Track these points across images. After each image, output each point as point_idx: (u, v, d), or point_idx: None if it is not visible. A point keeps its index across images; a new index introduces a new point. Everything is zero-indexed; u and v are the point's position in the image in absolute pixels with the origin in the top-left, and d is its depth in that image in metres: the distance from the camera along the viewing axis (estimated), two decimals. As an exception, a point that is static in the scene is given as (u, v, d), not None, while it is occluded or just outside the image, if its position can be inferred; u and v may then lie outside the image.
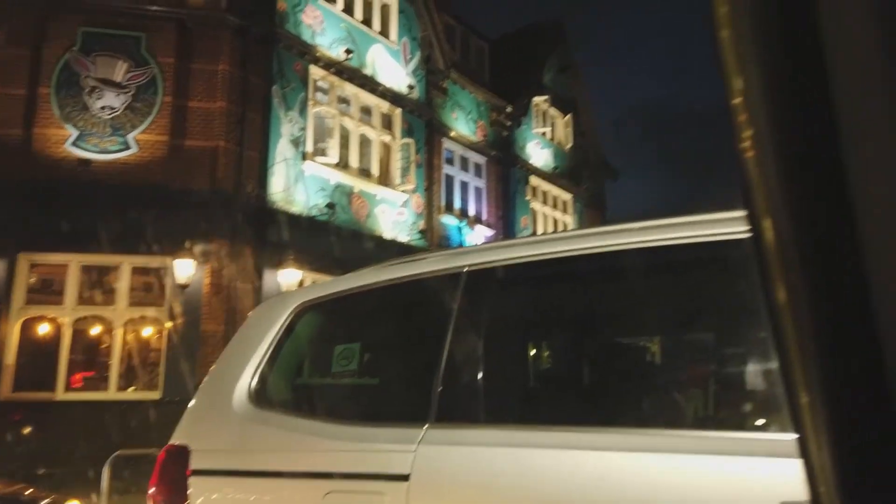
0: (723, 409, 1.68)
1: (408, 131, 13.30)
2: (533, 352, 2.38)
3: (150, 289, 10.01)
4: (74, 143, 9.70)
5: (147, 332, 10.04)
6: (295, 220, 10.73)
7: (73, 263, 9.53)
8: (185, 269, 9.47)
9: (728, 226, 1.51)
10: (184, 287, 9.49)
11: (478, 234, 15.16)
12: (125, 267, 9.68)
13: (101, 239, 8.79)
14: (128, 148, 9.85)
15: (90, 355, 10.05)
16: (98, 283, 9.81)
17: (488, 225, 15.72)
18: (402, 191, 12.90)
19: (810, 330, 0.36)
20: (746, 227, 0.39)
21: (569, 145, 18.79)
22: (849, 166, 0.33)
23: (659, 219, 1.73)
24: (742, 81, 0.37)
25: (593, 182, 19.90)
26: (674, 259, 1.70)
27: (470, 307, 1.97)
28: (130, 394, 9.60)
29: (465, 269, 2.00)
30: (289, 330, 2.33)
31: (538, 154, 17.52)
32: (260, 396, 2.22)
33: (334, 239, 11.04)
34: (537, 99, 17.43)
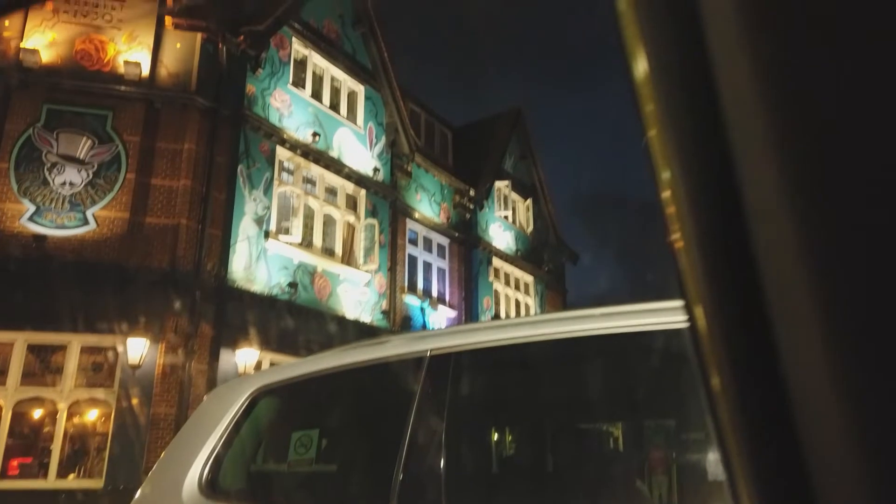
0: (686, 495, 1.67)
1: (372, 212, 13.45)
2: (496, 438, 2.34)
3: (99, 369, 9.62)
4: (31, 219, 9.52)
5: (93, 414, 9.57)
6: (255, 300, 10.58)
7: (20, 342, 9.14)
8: (137, 348, 9.16)
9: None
10: (135, 367, 9.15)
11: (440, 315, 15.12)
12: (74, 346, 9.32)
13: (51, 316, 8.50)
14: (86, 224, 9.70)
15: (30, 440, 9.49)
16: (44, 363, 9.40)
17: (451, 306, 15.72)
18: (366, 270, 12.89)
19: (738, 419, 0.37)
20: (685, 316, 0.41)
21: (530, 228, 19.20)
22: (756, 255, 0.35)
23: (620, 305, 1.77)
24: (669, 176, 0.40)
25: (554, 264, 20.23)
26: (635, 345, 1.73)
27: (433, 392, 1.95)
28: (71, 482, 9.02)
29: (427, 354, 1.98)
30: (245, 415, 2.25)
31: (500, 236, 17.82)
32: (212, 486, 2.12)
33: (295, 319, 10.89)
34: (499, 183, 17.91)
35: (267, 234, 11.15)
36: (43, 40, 10.24)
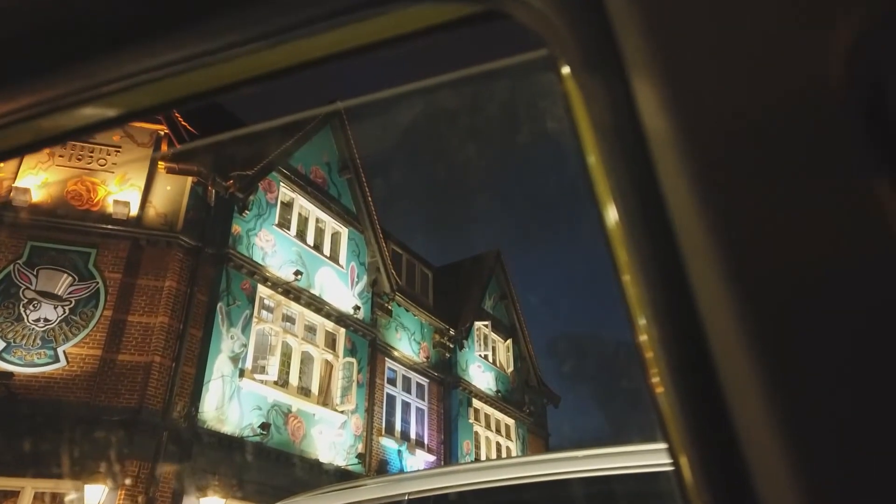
0: None
1: (351, 350, 13.30)
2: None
3: (50, 519, 8.95)
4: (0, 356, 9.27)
5: (37, 572, 8.77)
6: (225, 442, 10.13)
7: (-32, 488, 8.55)
8: (94, 495, 8.60)
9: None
10: (91, 517, 8.53)
11: (419, 459, 14.52)
12: (27, 492, 8.72)
13: (6, 459, 8.03)
14: (56, 361, 9.46)
15: None
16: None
17: (430, 449, 15.15)
18: (342, 411, 12.52)
19: None
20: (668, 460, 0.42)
21: (510, 369, 19.01)
22: (725, 397, 0.38)
23: (603, 448, 1.76)
24: (644, 320, 0.42)
25: (535, 406, 19.83)
26: (620, 488, 1.70)
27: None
28: None
29: (405, 498, 1.92)
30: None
31: (481, 377, 17.58)
32: None
33: (266, 463, 10.39)
34: (479, 323, 17.96)
35: (242, 373, 10.91)
36: (36, 181, 10.55)
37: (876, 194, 0.37)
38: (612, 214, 0.45)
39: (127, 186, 10.93)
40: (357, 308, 13.78)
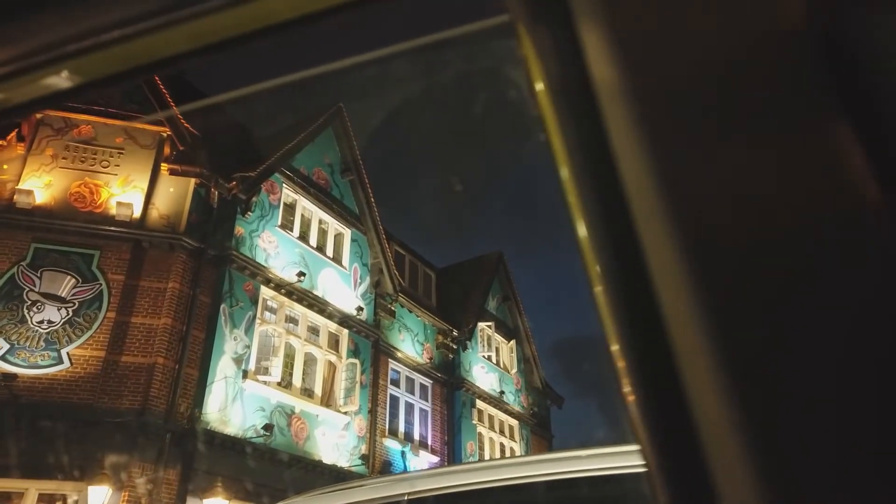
0: None
1: (354, 351, 13.30)
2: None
3: (54, 520, 8.97)
4: (2, 357, 9.29)
5: (41, 573, 8.77)
6: (228, 443, 10.14)
7: (-28, 490, 8.57)
8: (98, 496, 8.61)
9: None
10: (94, 518, 8.54)
11: (422, 460, 14.50)
12: (31, 494, 8.73)
13: (10, 462, 8.05)
14: (60, 363, 9.48)
15: None
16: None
17: (433, 451, 15.13)
18: (345, 412, 12.51)
19: None
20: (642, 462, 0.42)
21: (514, 370, 18.98)
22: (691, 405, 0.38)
23: (610, 447, 1.74)
24: (615, 331, 0.42)
25: (539, 408, 19.80)
26: (624, 488, 1.68)
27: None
28: None
29: (405, 498, 1.91)
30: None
31: (484, 378, 17.56)
32: None
33: (269, 464, 10.40)
34: (482, 324, 17.94)
35: (245, 374, 10.91)
36: (39, 182, 10.58)
37: (834, 139, 0.36)
38: (581, 228, 0.45)
39: (130, 188, 10.95)
40: (360, 309, 13.77)
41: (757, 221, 0.38)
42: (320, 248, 13.48)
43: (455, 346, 16.79)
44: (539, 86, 0.48)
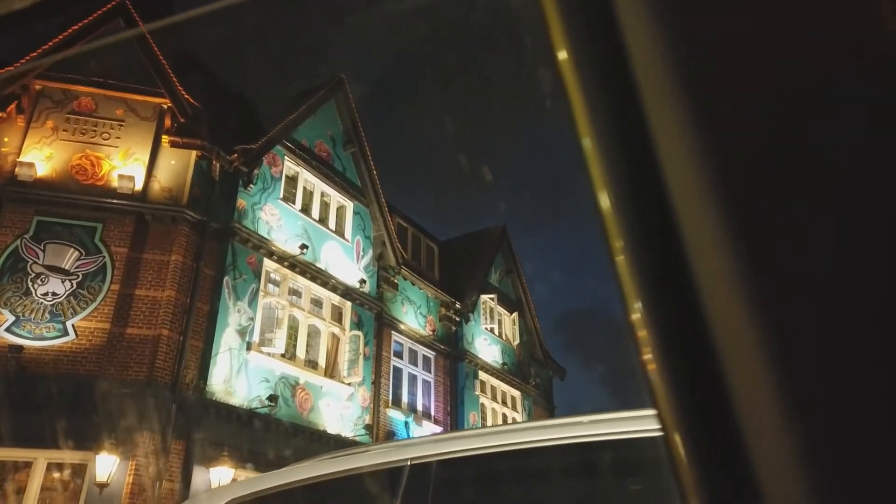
0: None
1: (357, 324, 13.37)
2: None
3: (64, 488, 9.11)
4: (8, 329, 9.36)
5: (52, 540, 8.95)
6: (234, 413, 10.26)
7: (-18, 459, 8.70)
8: (106, 466, 8.74)
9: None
10: (102, 486, 8.68)
11: (425, 430, 14.66)
12: (40, 463, 8.87)
13: (19, 431, 8.15)
14: (65, 335, 9.55)
15: (-20, 569, 8.80)
16: (7, 481, 8.90)
17: (436, 420, 15.29)
18: (349, 383, 12.63)
19: None
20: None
21: (516, 342, 19.09)
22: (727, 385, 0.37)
23: (611, 413, 1.75)
24: (638, 301, 0.41)
25: (541, 379, 19.94)
26: (626, 453, 1.69)
27: (413, 503, 1.87)
28: None
29: (408, 463, 1.92)
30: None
31: (487, 350, 17.67)
32: None
33: (274, 434, 10.53)
34: (485, 297, 17.99)
35: (249, 346, 10.99)
36: (40, 155, 10.54)
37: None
38: (604, 200, 0.44)
39: (131, 161, 10.92)
40: (363, 282, 13.81)
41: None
42: (323, 221, 13.47)
43: (458, 319, 16.86)
44: (562, 54, 0.46)
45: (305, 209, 13.14)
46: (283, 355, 11.52)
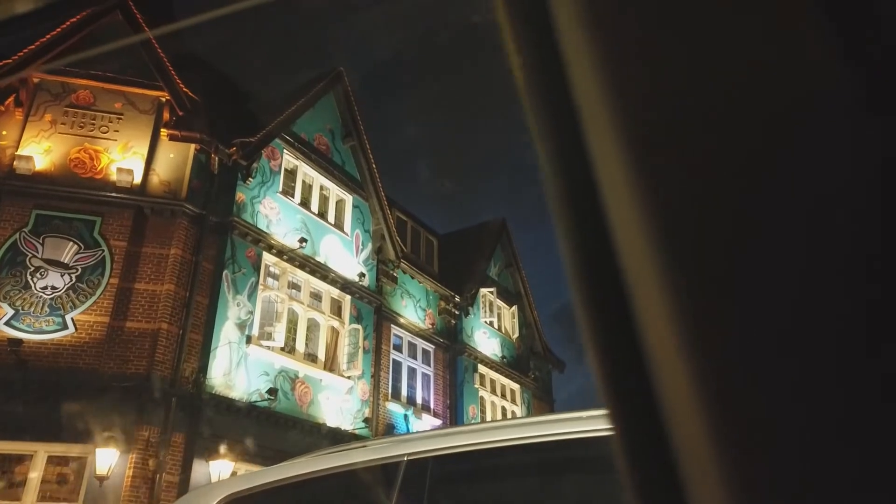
0: None
1: (357, 317, 13.38)
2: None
3: (64, 481, 9.14)
4: (7, 323, 9.36)
5: (53, 532, 8.98)
6: (233, 407, 10.27)
7: (-18, 452, 8.73)
8: (106, 459, 8.76)
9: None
10: (102, 479, 8.70)
11: (425, 424, 14.70)
12: (40, 456, 8.89)
13: (19, 424, 8.17)
14: (64, 328, 9.55)
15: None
16: (7, 474, 8.93)
17: (435, 414, 15.33)
18: (348, 377, 12.65)
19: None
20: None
21: (515, 335, 19.11)
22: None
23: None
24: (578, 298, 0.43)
25: (540, 372, 19.97)
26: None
27: (410, 499, 1.87)
28: None
29: (405, 458, 1.93)
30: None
31: (486, 343, 17.69)
32: None
33: (273, 427, 10.55)
34: (484, 290, 18.00)
35: (249, 339, 11.00)
36: (38, 149, 10.52)
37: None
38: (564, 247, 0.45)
39: (130, 154, 10.89)
40: (362, 275, 13.81)
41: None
42: (322, 215, 13.46)
43: (457, 312, 16.87)
44: (516, 58, 0.46)
45: (304, 203, 13.13)
46: (282, 349, 11.53)
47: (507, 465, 1.95)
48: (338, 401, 12.37)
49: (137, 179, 10.74)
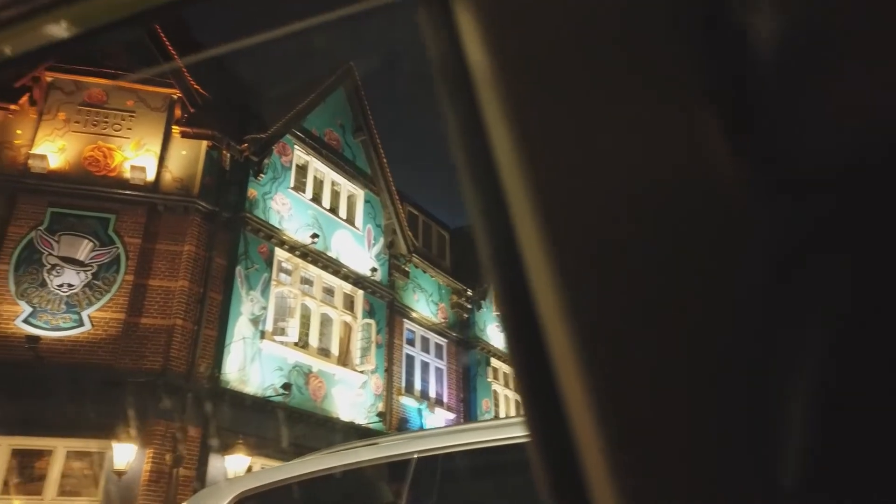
0: None
1: (369, 312, 13.42)
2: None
3: (83, 476, 9.27)
4: (25, 320, 9.49)
5: (72, 526, 9.12)
6: (248, 402, 10.36)
7: (4, 447, 8.86)
8: (124, 454, 8.87)
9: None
10: (121, 474, 8.82)
11: (438, 418, 14.74)
12: (59, 451, 9.03)
13: (38, 420, 8.29)
14: (81, 325, 9.66)
15: (3, 555, 8.99)
16: (28, 469, 9.07)
17: (449, 408, 15.36)
18: (361, 371, 12.70)
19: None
20: None
21: (528, 328, 19.08)
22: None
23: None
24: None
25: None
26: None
27: (420, 496, 1.88)
28: None
29: (415, 456, 1.93)
30: (226, 523, 2.15)
31: (498, 337, 17.68)
32: None
33: (288, 422, 10.62)
34: (496, 283, 17.96)
35: (263, 335, 11.07)
36: (52, 147, 10.62)
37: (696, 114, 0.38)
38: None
39: (143, 152, 10.97)
40: (374, 270, 13.84)
41: (622, 216, 0.39)
42: (333, 210, 13.50)
43: (469, 306, 16.88)
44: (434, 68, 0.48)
45: (316, 198, 13.17)
46: (296, 344, 11.60)
47: (517, 461, 1.94)
48: (351, 395, 12.43)
49: (150, 177, 10.81)
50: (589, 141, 0.39)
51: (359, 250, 13.71)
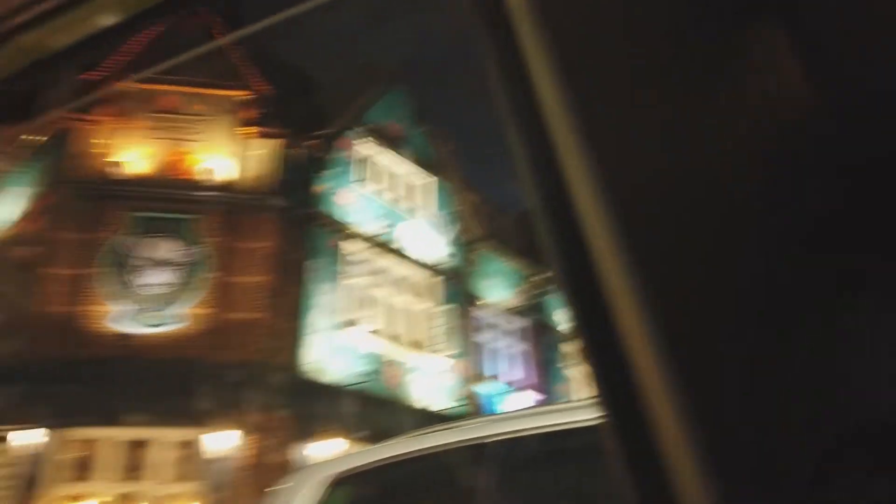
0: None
1: (443, 298, 13.53)
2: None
3: (183, 464, 9.83)
4: (116, 320, 10.08)
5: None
6: (331, 390, 10.67)
7: (107, 438, 9.49)
8: (217, 441, 9.36)
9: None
10: (218, 461, 9.30)
11: (517, 401, 14.74)
12: (159, 441, 9.59)
13: (137, 413, 8.84)
14: (172, 322, 10.20)
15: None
16: (131, 458, 9.69)
17: (528, 391, 15.33)
18: (440, 357, 12.84)
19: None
20: None
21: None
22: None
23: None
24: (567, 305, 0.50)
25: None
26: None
27: (497, 480, 1.91)
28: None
29: (491, 440, 1.96)
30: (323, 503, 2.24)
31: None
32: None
33: (372, 408, 10.89)
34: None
35: (339, 326, 11.36)
36: (131, 154, 11.19)
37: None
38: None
39: (215, 154, 11.42)
40: (446, 257, 13.93)
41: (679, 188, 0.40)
42: (400, 200, 13.64)
43: (545, 290, 16.73)
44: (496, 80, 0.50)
45: (383, 190, 13.34)
46: (371, 334, 11.85)
47: (592, 445, 1.92)
48: (430, 381, 12.61)
49: (225, 177, 11.25)
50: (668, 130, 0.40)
51: (429, 238, 13.82)
